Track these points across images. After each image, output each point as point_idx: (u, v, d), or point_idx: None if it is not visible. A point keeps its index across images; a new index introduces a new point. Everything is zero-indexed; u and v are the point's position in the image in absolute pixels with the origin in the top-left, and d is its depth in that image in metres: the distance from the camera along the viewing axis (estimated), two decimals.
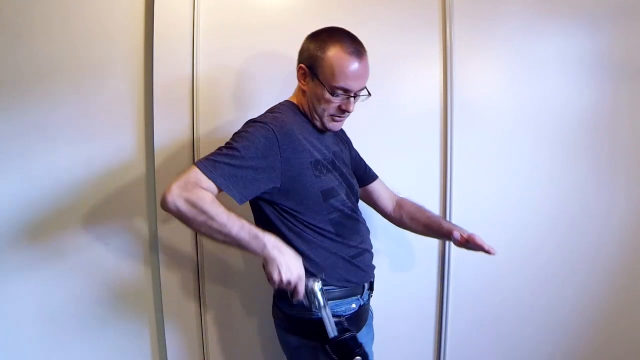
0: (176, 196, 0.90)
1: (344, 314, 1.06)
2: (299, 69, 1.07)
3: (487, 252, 1.09)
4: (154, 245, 1.48)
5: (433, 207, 1.52)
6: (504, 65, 1.53)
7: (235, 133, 1.01)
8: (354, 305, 1.09)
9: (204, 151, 1.42)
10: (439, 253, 1.56)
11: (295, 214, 1.04)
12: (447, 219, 1.51)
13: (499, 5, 1.49)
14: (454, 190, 1.52)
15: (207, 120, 1.43)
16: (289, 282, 0.93)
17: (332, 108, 1.05)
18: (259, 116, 1.05)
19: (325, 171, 1.06)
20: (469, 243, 1.12)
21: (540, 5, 1.50)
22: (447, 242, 1.53)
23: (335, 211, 1.07)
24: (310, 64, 1.04)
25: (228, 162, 0.94)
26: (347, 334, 1.02)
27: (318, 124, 1.09)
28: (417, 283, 1.57)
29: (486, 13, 1.49)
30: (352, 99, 1.05)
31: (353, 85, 1.03)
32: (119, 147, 1.44)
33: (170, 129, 1.42)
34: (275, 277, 0.93)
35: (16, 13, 1.37)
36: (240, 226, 0.93)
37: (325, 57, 1.01)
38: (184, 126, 1.42)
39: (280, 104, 1.12)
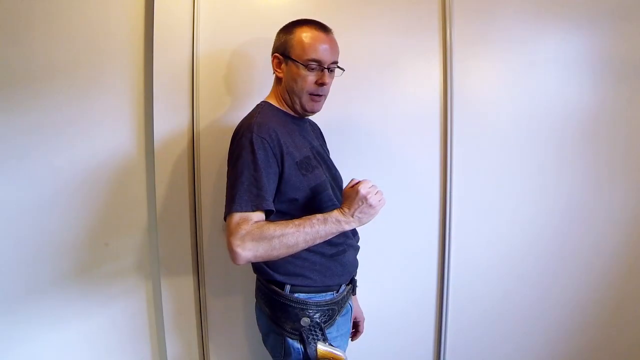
0: (238, 247, 0.95)
1: (317, 305, 1.09)
2: (274, 59, 1.12)
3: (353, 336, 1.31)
4: (153, 245, 1.48)
5: (433, 206, 1.53)
6: (504, 65, 1.53)
7: (233, 155, 1.03)
8: (328, 298, 1.11)
9: (204, 148, 1.43)
10: (439, 253, 1.55)
11: (285, 214, 1.05)
12: (447, 219, 1.52)
13: (499, 6, 1.50)
14: (454, 190, 1.52)
15: (206, 116, 1.43)
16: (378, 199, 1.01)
17: (309, 85, 1.09)
18: (244, 126, 1.05)
19: (311, 168, 1.08)
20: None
21: (540, 5, 1.50)
22: (446, 242, 1.53)
23: (326, 208, 1.07)
24: (282, 49, 1.10)
25: (247, 189, 0.98)
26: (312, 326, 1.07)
27: (298, 107, 1.12)
28: (417, 283, 1.57)
29: (486, 13, 1.50)
30: (326, 71, 1.09)
31: (324, 56, 1.08)
32: (118, 146, 1.44)
33: (170, 127, 1.41)
34: (377, 209, 1.01)
35: (16, 13, 1.37)
36: (309, 222, 0.99)
37: (295, 36, 1.08)
38: (184, 124, 1.42)
39: (258, 106, 1.13)
